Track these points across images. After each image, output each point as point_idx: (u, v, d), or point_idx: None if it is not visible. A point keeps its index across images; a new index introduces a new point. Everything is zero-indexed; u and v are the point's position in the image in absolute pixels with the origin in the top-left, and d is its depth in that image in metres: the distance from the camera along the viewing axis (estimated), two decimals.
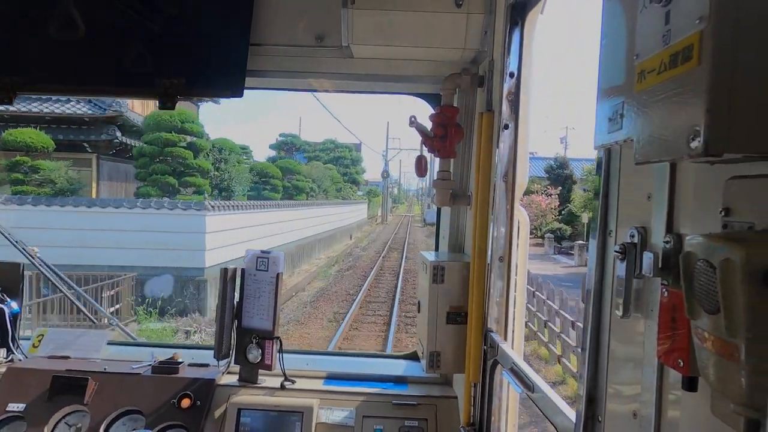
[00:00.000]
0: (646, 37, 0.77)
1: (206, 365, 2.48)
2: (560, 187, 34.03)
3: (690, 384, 0.79)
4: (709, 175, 0.82)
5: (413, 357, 2.69)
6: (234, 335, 2.43)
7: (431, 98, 2.55)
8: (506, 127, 1.93)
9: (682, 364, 0.80)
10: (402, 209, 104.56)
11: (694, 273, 0.66)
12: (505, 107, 1.92)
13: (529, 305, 13.19)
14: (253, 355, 2.39)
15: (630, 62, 0.82)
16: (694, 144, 0.63)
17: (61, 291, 2.90)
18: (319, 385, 2.43)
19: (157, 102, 2.07)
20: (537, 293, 13.61)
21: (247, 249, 2.47)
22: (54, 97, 17.88)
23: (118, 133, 19.18)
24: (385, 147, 68.36)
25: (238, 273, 2.43)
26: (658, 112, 0.73)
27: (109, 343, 2.67)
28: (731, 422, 0.69)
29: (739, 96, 0.62)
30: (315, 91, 2.59)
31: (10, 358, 2.52)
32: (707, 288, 0.63)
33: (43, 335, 2.65)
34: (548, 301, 12.77)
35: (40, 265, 2.80)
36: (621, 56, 0.88)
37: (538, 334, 12.78)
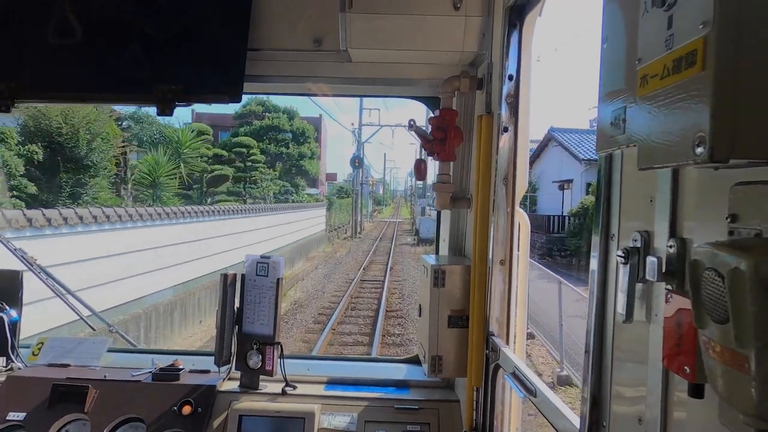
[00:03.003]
0: (648, 42, 0.77)
1: (207, 372, 2.47)
2: None
3: (696, 391, 0.78)
4: (713, 180, 0.82)
5: (415, 361, 2.68)
6: (234, 341, 2.41)
7: (430, 101, 2.54)
8: (506, 129, 1.92)
9: (688, 370, 0.79)
10: (387, 213, 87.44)
11: (702, 282, 0.65)
12: (505, 110, 1.92)
13: None
14: (254, 360, 2.38)
15: (632, 66, 0.81)
16: (699, 150, 0.62)
17: (60, 298, 2.88)
18: (320, 390, 2.42)
19: (155, 108, 2.06)
20: None
21: (247, 254, 2.46)
22: None
23: None
24: (359, 120, 41.67)
25: (238, 278, 2.42)
26: (662, 118, 0.72)
27: (109, 351, 2.65)
28: (739, 431, 0.68)
29: (745, 101, 0.61)
30: (314, 95, 2.59)
31: (9, 367, 2.50)
32: (715, 297, 0.62)
33: (42, 343, 2.63)
34: None
35: (39, 272, 2.79)
36: (622, 60, 0.88)
37: None
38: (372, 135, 50.16)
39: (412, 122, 2.20)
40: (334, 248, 29.60)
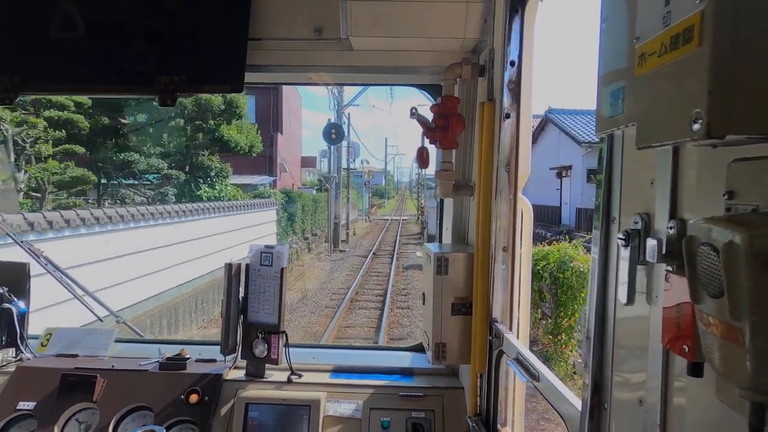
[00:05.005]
0: (646, 20, 0.77)
1: (213, 361, 2.50)
2: None
3: (695, 370, 0.79)
4: (712, 159, 0.81)
5: (419, 349, 2.70)
6: (240, 330, 2.44)
7: (432, 89, 2.53)
8: (507, 116, 1.92)
9: (687, 349, 0.79)
10: (389, 207, 73.31)
11: (697, 257, 0.65)
12: (506, 96, 1.91)
13: None
14: (260, 349, 2.40)
15: (630, 45, 0.81)
16: (696, 126, 0.62)
17: (68, 290, 2.91)
18: (325, 378, 2.44)
19: (157, 99, 2.07)
20: None
21: (251, 245, 2.48)
22: None
23: None
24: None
25: (243, 268, 2.44)
26: (660, 96, 0.72)
27: (116, 341, 2.68)
28: (737, 406, 0.68)
29: (741, 77, 0.61)
30: (315, 84, 2.59)
31: (19, 357, 2.54)
32: (711, 272, 0.63)
33: (51, 334, 2.66)
34: None
35: (46, 264, 2.82)
36: (621, 40, 0.87)
37: None
38: (359, 94, 33.70)
39: (414, 110, 2.20)
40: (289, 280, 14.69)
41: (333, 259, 22.15)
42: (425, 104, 2.58)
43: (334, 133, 23.70)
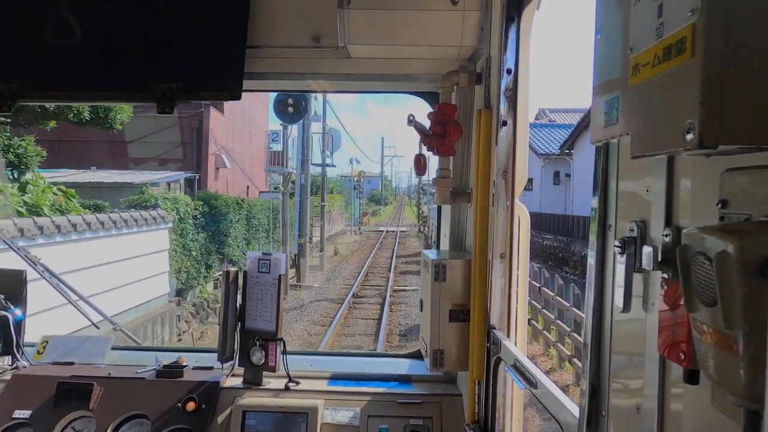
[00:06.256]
0: (639, 31, 0.78)
1: (210, 368, 2.49)
2: None
3: (691, 377, 0.79)
4: (706, 168, 0.82)
5: (417, 356, 2.69)
6: (237, 338, 2.43)
7: (429, 97, 2.55)
8: (504, 123, 1.93)
9: (683, 357, 0.80)
10: (385, 215, 69.52)
11: (691, 266, 0.66)
12: (503, 104, 1.92)
13: None
14: (257, 357, 2.39)
15: (624, 56, 0.82)
16: (689, 137, 0.63)
17: (65, 297, 2.91)
18: (323, 385, 2.43)
19: (155, 106, 2.07)
20: None
21: (249, 252, 2.48)
22: None
23: None
24: None
25: (240, 275, 2.44)
26: (653, 106, 0.73)
27: (113, 348, 2.67)
28: (732, 414, 0.69)
29: (733, 87, 0.62)
30: (313, 92, 2.60)
31: (15, 365, 2.52)
32: (704, 281, 0.63)
33: (47, 342, 2.65)
34: None
35: (42, 272, 2.81)
36: (616, 50, 0.88)
37: None
38: None
39: (411, 117, 2.21)
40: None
41: (285, 307, 10.22)
42: (422, 106, 2.58)
43: (291, 105, 15.07)
